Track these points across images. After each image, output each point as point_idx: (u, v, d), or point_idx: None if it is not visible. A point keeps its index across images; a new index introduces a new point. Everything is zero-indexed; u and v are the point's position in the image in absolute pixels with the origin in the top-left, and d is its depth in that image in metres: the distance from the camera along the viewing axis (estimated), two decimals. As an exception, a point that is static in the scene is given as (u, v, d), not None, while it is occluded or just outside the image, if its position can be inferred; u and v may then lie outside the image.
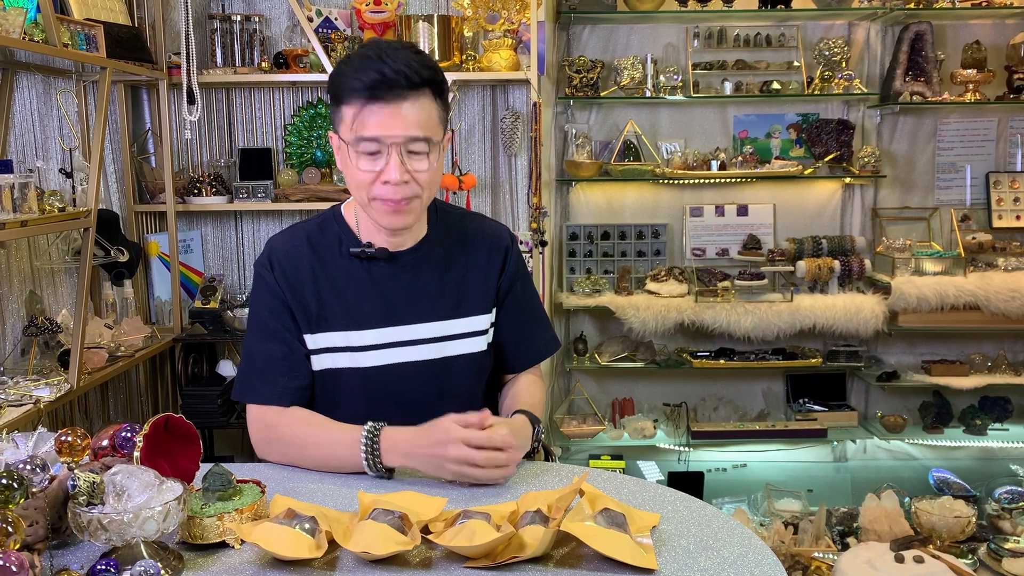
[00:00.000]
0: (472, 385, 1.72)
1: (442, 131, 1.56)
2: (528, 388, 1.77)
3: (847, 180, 3.63)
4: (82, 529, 1.13)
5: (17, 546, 1.06)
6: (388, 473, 1.49)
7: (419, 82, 1.48)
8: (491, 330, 1.73)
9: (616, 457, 3.49)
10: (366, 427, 1.48)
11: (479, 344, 1.70)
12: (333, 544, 1.23)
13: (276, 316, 1.63)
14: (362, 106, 1.48)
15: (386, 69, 1.45)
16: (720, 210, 3.67)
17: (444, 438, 1.42)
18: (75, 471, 1.16)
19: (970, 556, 2.90)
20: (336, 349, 1.64)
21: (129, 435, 1.30)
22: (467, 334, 1.69)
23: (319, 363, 1.65)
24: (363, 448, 1.47)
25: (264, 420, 1.61)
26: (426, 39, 3.04)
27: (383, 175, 1.50)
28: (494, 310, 1.73)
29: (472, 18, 3.15)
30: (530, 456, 1.62)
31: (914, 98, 3.44)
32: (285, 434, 1.58)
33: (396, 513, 1.23)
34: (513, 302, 1.75)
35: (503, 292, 1.74)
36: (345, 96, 1.50)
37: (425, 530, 1.26)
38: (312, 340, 1.64)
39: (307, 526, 1.21)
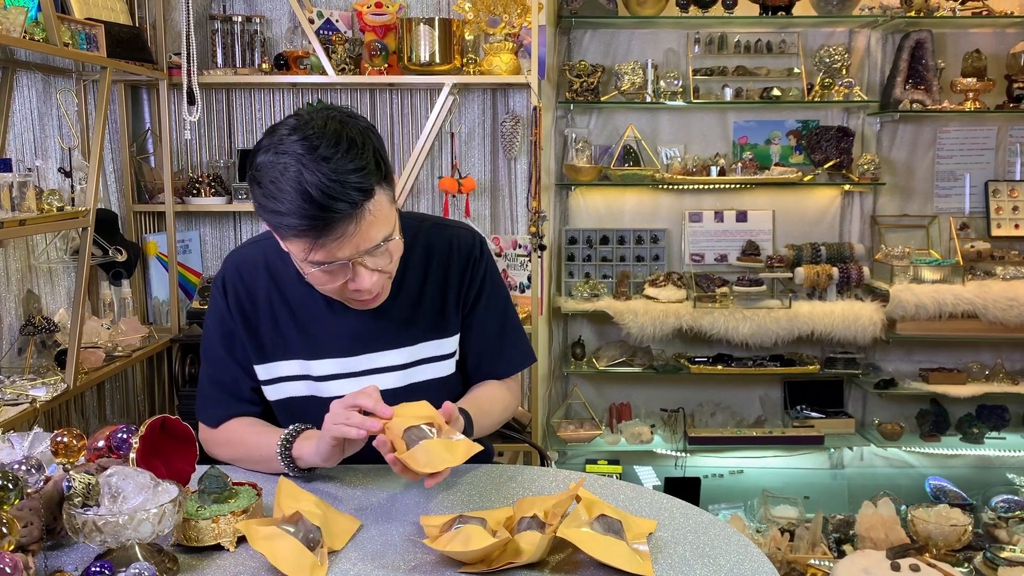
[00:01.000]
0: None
1: (395, 211, 1.44)
2: (483, 389, 1.69)
3: (846, 187, 3.63)
4: (77, 530, 1.12)
5: (11, 547, 1.06)
6: (304, 473, 1.50)
7: (362, 197, 1.33)
8: (457, 352, 1.67)
9: (613, 462, 3.49)
10: (281, 436, 1.49)
11: (447, 368, 1.64)
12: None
13: (224, 343, 1.61)
14: (310, 243, 1.34)
15: (320, 200, 1.29)
16: (719, 216, 3.67)
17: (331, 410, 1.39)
18: (70, 472, 1.16)
19: (966, 565, 2.90)
20: (295, 378, 1.59)
21: (125, 436, 1.30)
22: (434, 358, 1.62)
23: (279, 392, 1.61)
24: (278, 450, 1.48)
25: (203, 437, 1.64)
26: (426, 42, 3.04)
27: (353, 285, 1.43)
28: (459, 334, 1.66)
29: (473, 21, 3.16)
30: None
31: (914, 106, 3.44)
32: (217, 453, 1.62)
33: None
34: (481, 314, 1.66)
35: (469, 304, 1.65)
36: (283, 233, 1.37)
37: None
38: (267, 370, 1.60)
39: (312, 536, 1.21)
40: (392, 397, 1.46)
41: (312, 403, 1.58)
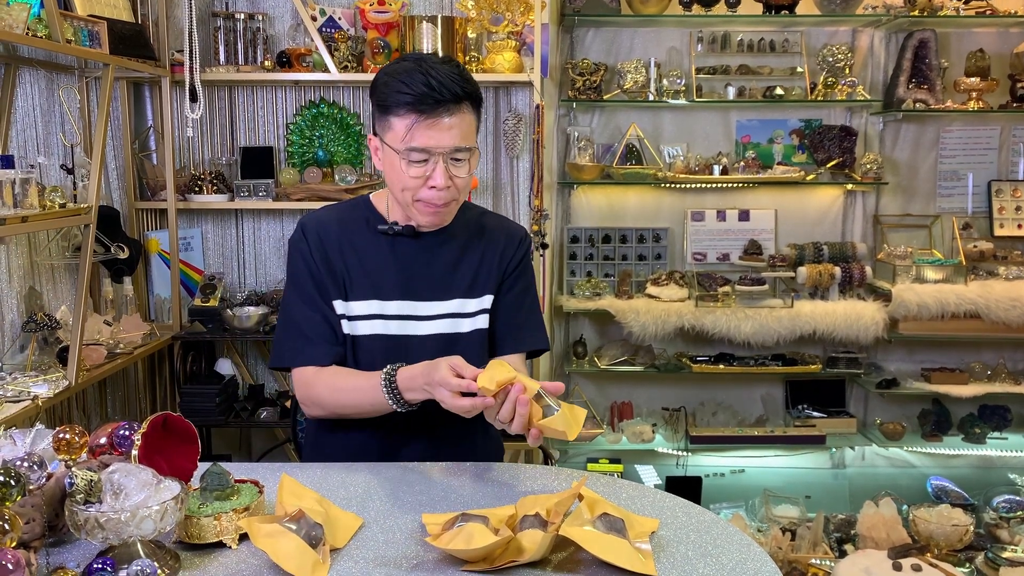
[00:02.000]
0: (476, 361, 1.74)
1: (476, 137, 1.68)
2: (508, 359, 1.81)
3: (849, 187, 3.62)
4: (79, 527, 1.12)
5: (13, 544, 1.06)
6: (411, 406, 1.59)
7: (463, 96, 1.60)
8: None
9: (614, 461, 3.48)
10: (384, 371, 1.60)
11: (482, 321, 1.80)
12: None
13: (314, 284, 1.74)
14: (413, 118, 1.58)
15: (433, 83, 1.56)
16: (722, 215, 3.67)
17: (436, 380, 1.49)
18: (73, 469, 1.16)
19: (967, 565, 2.90)
20: (358, 317, 1.74)
21: (127, 433, 1.29)
22: (477, 312, 1.78)
23: (350, 328, 1.75)
24: (384, 390, 1.58)
25: (304, 379, 1.73)
26: (429, 40, 3.04)
27: (430, 181, 1.62)
28: (495, 295, 1.81)
29: (476, 19, 3.15)
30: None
31: (917, 105, 3.44)
32: (323, 392, 1.70)
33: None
34: (513, 289, 1.82)
35: (507, 276, 1.81)
36: (394, 107, 1.60)
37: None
38: (345, 306, 1.74)
39: (314, 533, 1.21)
40: (436, 343, 1.72)
41: (370, 342, 1.74)
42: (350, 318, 1.74)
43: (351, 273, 1.74)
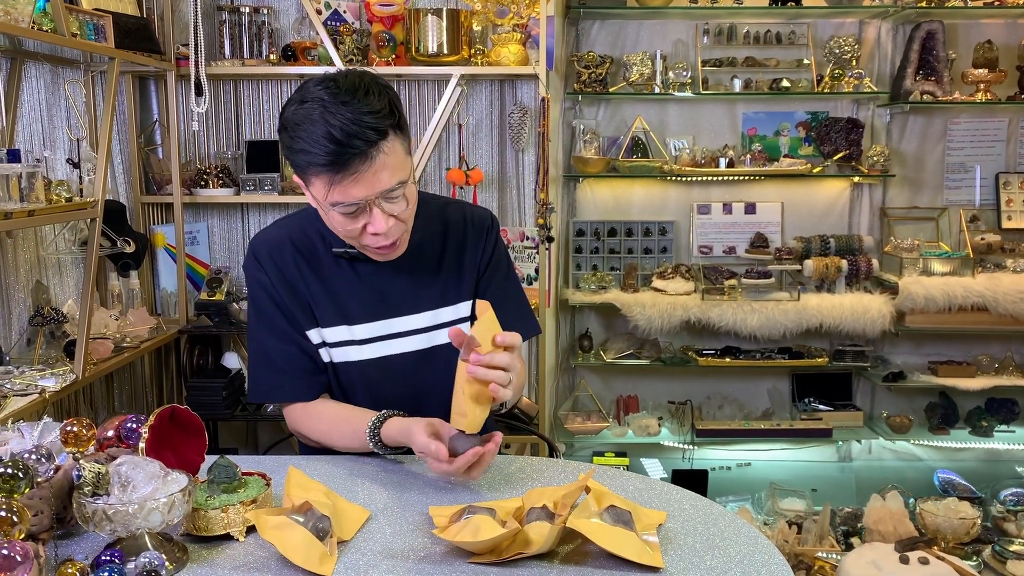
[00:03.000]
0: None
1: (410, 160, 1.53)
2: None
3: (856, 179, 3.61)
4: (87, 520, 1.12)
5: (22, 536, 1.06)
6: (394, 452, 1.57)
7: (376, 137, 1.43)
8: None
9: (620, 454, 3.48)
10: (368, 426, 1.54)
11: (467, 329, 1.71)
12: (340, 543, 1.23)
13: (282, 315, 1.66)
14: (328, 178, 1.44)
15: (338, 136, 1.40)
16: (728, 208, 3.66)
17: (418, 448, 1.45)
18: (80, 461, 1.16)
19: (975, 558, 2.89)
20: (330, 344, 1.68)
21: (135, 426, 1.30)
22: (454, 321, 1.71)
23: (324, 356, 1.69)
24: (371, 443, 1.55)
25: (292, 416, 1.70)
26: (434, 32, 3.03)
27: (369, 228, 1.51)
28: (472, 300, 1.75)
29: (481, 12, 3.14)
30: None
31: (924, 97, 3.42)
32: (312, 431, 1.67)
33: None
34: (494, 280, 1.76)
35: (483, 272, 1.75)
36: (304, 169, 1.47)
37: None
38: (316, 335, 1.67)
39: (321, 526, 1.21)
40: (415, 359, 1.67)
41: (346, 368, 1.68)
42: (329, 345, 1.67)
43: (315, 299, 1.65)
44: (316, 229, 1.67)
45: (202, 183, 3.19)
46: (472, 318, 1.72)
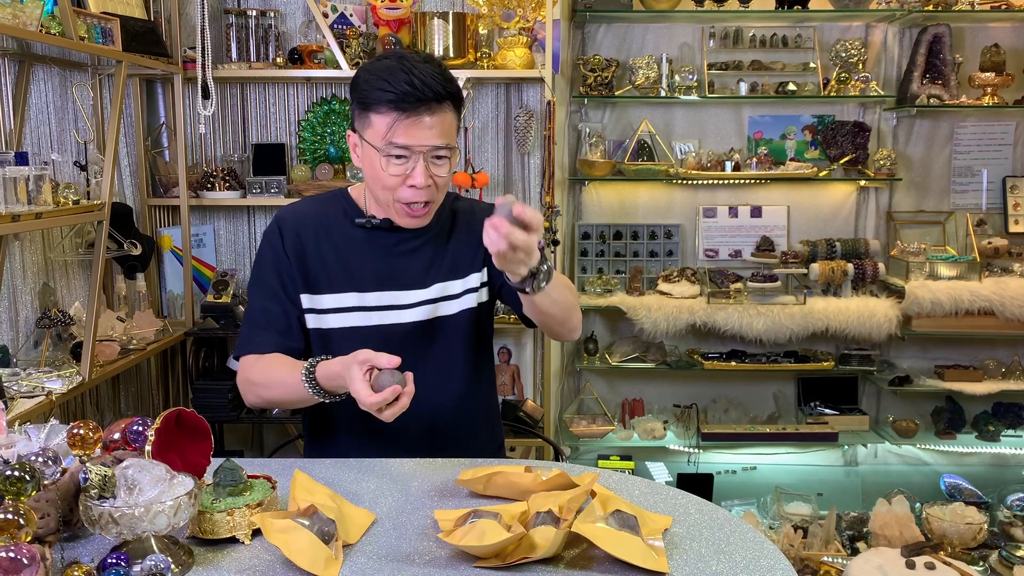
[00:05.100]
0: (461, 344, 1.79)
1: (456, 136, 1.68)
2: None
3: (862, 183, 3.60)
4: (93, 522, 1.13)
5: (28, 538, 1.06)
6: (332, 396, 1.57)
7: (444, 95, 1.60)
8: (483, 289, 1.81)
9: (625, 458, 3.48)
10: (304, 366, 1.57)
11: (470, 301, 1.80)
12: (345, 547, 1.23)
13: (277, 279, 1.74)
14: (394, 116, 1.59)
15: (415, 82, 1.56)
16: (734, 211, 3.66)
17: (353, 389, 1.46)
18: (87, 464, 1.17)
19: (981, 563, 2.88)
20: (331, 310, 1.74)
21: (141, 429, 1.30)
22: (451, 296, 1.78)
23: (322, 322, 1.74)
24: (306, 385, 1.56)
25: (243, 365, 1.74)
26: (440, 36, 3.04)
27: (410, 179, 1.62)
28: (485, 269, 1.81)
29: (487, 15, 3.15)
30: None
31: (931, 101, 3.42)
32: (257, 376, 1.70)
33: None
34: None
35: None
36: (375, 105, 1.60)
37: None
38: (313, 300, 1.74)
39: (327, 529, 1.21)
40: (417, 329, 1.74)
41: (349, 334, 1.73)
42: (319, 311, 1.73)
43: (328, 266, 1.74)
44: (341, 207, 1.78)
45: (209, 186, 3.20)
46: (483, 285, 1.80)
